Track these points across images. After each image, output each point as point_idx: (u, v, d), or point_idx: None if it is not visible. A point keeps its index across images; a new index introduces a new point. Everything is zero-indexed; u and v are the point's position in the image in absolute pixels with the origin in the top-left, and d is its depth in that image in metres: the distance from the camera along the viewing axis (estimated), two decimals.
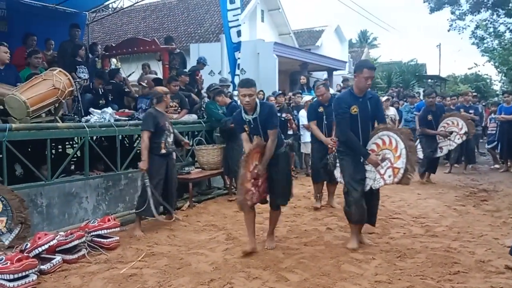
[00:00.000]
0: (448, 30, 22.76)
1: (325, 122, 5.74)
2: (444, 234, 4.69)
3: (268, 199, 4.25)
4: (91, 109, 5.95)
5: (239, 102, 7.21)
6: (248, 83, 3.93)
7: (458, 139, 7.57)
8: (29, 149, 5.55)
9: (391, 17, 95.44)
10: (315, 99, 6.28)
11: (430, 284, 3.36)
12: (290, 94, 10.35)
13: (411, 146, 3.88)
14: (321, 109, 5.80)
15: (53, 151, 6.72)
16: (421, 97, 13.74)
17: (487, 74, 32.07)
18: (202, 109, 7.61)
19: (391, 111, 10.51)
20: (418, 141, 7.64)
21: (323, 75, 18.24)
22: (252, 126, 4.02)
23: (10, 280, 3.32)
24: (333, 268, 3.72)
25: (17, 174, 5.27)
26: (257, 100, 4.01)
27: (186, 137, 6.65)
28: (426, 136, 7.69)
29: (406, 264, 3.80)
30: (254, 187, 3.90)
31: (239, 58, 8.04)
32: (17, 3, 8.38)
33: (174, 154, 5.61)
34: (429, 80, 24.23)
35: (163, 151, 5.03)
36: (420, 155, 7.57)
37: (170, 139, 5.17)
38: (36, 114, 4.79)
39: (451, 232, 4.74)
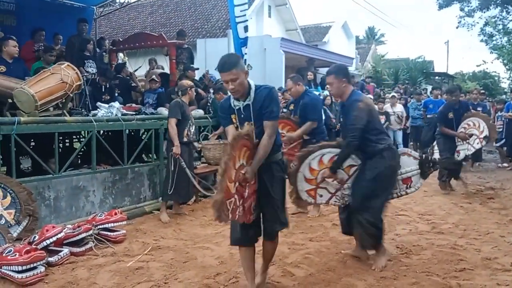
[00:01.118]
0: (457, 27, 22.67)
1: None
2: (450, 231, 4.68)
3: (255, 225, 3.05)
4: (98, 103, 5.97)
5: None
6: (225, 66, 2.90)
7: (478, 143, 6.65)
8: (34, 143, 5.58)
9: (399, 13, 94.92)
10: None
11: (436, 280, 3.36)
12: None
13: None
14: (291, 107, 5.38)
15: (61, 144, 6.76)
16: (429, 93, 13.67)
17: (495, 72, 31.87)
18: (209, 104, 7.62)
19: (398, 108, 10.49)
20: (435, 142, 6.85)
21: None
22: (242, 116, 3.02)
23: (18, 272, 3.36)
24: (339, 263, 3.73)
25: (22, 168, 5.29)
26: (251, 83, 3.02)
27: None
28: (444, 137, 6.70)
29: (411, 260, 3.79)
30: (238, 196, 2.75)
31: (246, 54, 8.02)
32: None
33: (195, 143, 5.96)
34: (437, 77, 24.05)
35: (185, 139, 5.38)
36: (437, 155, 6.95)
37: (192, 129, 5.55)
38: (44, 108, 4.82)
39: (458, 230, 4.73)
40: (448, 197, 6.34)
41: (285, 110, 7.72)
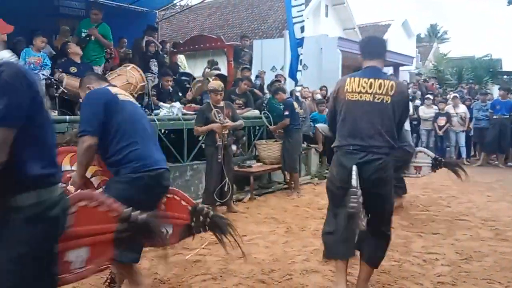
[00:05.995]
0: None
1: None
2: None
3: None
4: (160, 104, 6.27)
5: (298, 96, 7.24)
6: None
7: None
8: None
9: (463, 9, 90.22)
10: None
11: None
12: None
13: None
14: None
15: None
16: (496, 95, 12.97)
17: None
18: (264, 104, 7.73)
19: (461, 109, 10.07)
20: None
21: (389, 70, 17.72)
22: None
23: None
24: (394, 266, 3.68)
25: None
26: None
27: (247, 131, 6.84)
28: None
29: (472, 266, 3.66)
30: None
31: (301, 54, 8.06)
32: (95, 3, 8.95)
33: (233, 147, 5.89)
34: (505, 77, 22.64)
35: (219, 142, 5.24)
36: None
37: (225, 131, 5.30)
38: None
39: None
40: None
41: None
